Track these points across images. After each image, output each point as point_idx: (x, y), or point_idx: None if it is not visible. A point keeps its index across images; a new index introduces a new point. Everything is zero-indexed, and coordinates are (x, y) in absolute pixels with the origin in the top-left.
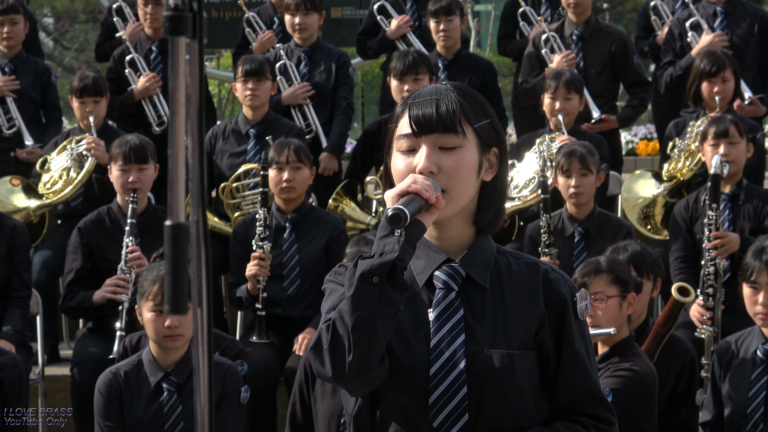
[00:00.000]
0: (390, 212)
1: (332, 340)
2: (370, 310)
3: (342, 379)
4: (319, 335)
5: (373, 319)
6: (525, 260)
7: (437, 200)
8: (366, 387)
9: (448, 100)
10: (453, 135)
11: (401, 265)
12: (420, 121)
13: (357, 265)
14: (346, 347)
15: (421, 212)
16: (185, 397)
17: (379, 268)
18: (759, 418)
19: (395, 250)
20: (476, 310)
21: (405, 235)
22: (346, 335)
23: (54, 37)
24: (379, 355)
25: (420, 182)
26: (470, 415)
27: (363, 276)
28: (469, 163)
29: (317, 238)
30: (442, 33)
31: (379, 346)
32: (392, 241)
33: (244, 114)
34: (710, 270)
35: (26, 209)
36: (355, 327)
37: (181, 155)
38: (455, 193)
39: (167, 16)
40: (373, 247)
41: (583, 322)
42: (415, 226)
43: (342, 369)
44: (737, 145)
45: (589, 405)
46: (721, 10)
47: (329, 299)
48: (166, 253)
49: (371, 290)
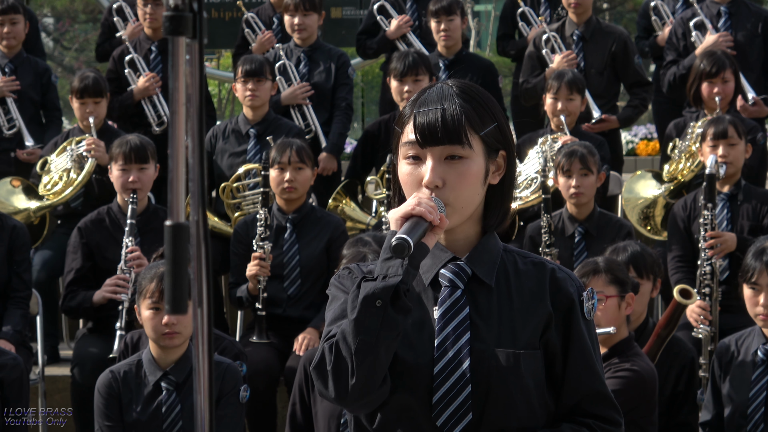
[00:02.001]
0: (394, 242)
1: (335, 362)
2: (373, 334)
3: (345, 401)
4: (323, 355)
5: (376, 342)
6: (532, 259)
7: (441, 221)
8: (368, 407)
9: (453, 109)
10: (458, 146)
11: (404, 288)
12: (425, 132)
13: (360, 287)
14: (349, 370)
15: (426, 235)
16: (184, 396)
17: (383, 291)
18: (759, 419)
19: (399, 274)
20: (482, 309)
21: (408, 258)
22: (349, 358)
23: (54, 37)
24: (382, 376)
25: (424, 204)
26: (474, 415)
27: (366, 299)
28: (474, 174)
29: (318, 238)
30: (442, 33)
31: (381, 367)
32: (396, 264)
33: (244, 114)
34: (706, 270)
35: (27, 210)
36: (358, 351)
37: (182, 155)
38: (459, 203)
39: (167, 16)
40: (376, 269)
41: (590, 322)
42: (419, 248)
43: (345, 391)
44: (736, 146)
45: (597, 405)
46: (725, 10)
47: (332, 307)
48: (167, 253)
49: (374, 314)
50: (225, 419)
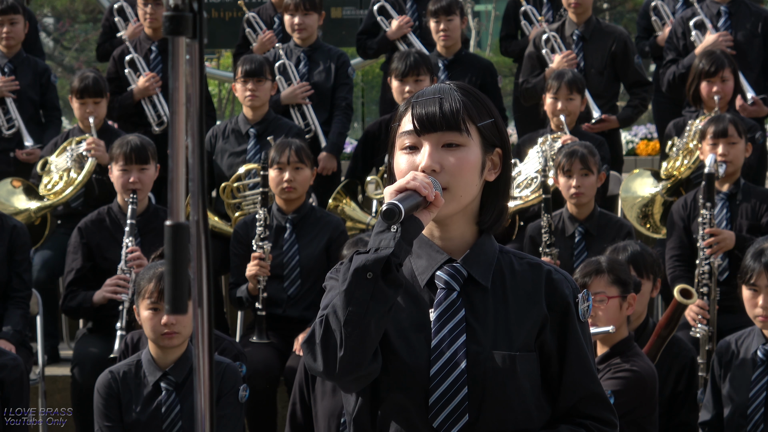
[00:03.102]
0: (384, 207)
1: (324, 334)
2: (363, 306)
3: (333, 375)
4: (313, 330)
5: (366, 314)
6: (528, 260)
7: (436, 198)
8: (358, 383)
9: (451, 99)
10: (456, 133)
11: (396, 261)
12: (423, 119)
13: (352, 260)
14: (337, 342)
15: (419, 209)
16: (183, 396)
17: (374, 263)
18: (759, 419)
19: (390, 246)
20: (478, 311)
21: (401, 231)
22: (338, 330)
23: (54, 37)
24: (371, 351)
25: (419, 179)
26: (470, 416)
27: (357, 271)
28: (471, 162)
29: (318, 238)
30: (442, 33)
31: (371, 341)
32: (388, 237)
33: (244, 114)
34: (705, 269)
35: (27, 211)
36: (348, 322)
37: (182, 155)
38: (457, 191)
39: (167, 16)
40: (369, 243)
41: (584, 324)
42: (412, 222)
43: (333, 364)
44: (736, 145)
45: (593, 407)
46: (725, 10)
47: (327, 296)
48: (167, 253)
49: (365, 285)
50: (224, 419)
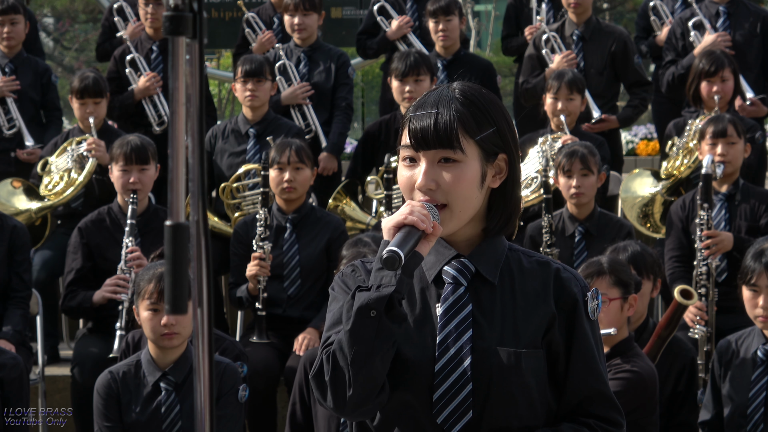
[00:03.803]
0: (385, 255)
1: (333, 372)
2: (369, 345)
3: (343, 411)
4: (321, 365)
5: (372, 352)
6: (537, 258)
7: (435, 228)
8: (365, 415)
9: (448, 113)
10: (450, 151)
11: (398, 298)
12: (418, 136)
13: (354, 297)
14: (346, 381)
15: (419, 243)
16: (183, 396)
17: (377, 302)
18: (759, 419)
19: (392, 284)
20: (485, 307)
21: (402, 267)
22: (345, 368)
23: (54, 37)
24: (379, 385)
25: (416, 213)
26: (475, 413)
27: (360, 310)
28: (468, 178)
29: (318, 238)
30: (440, 33)
31: (378, 377)
32: (389, 274)
33: (243, 114)
34: (703, 270)
35: (28, 211)
36: (354, 361)
37: (182, 155)
38: (456, 207)
39: (167, 16)
40: (370, 279)
41: (594, 322)
42: (412, 257)
43: (343, 401)
44: (735, 145)
45: (598, 406)
46: (723, 10)
47: (332, 309)
48: (166, 253)
49: (369, 324)
50: (224, 419)
